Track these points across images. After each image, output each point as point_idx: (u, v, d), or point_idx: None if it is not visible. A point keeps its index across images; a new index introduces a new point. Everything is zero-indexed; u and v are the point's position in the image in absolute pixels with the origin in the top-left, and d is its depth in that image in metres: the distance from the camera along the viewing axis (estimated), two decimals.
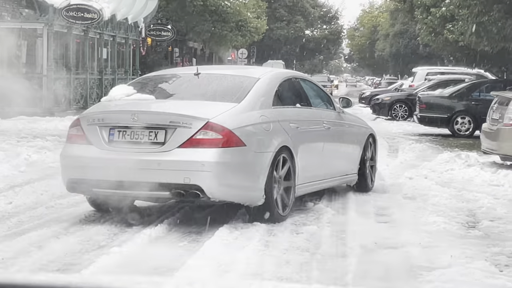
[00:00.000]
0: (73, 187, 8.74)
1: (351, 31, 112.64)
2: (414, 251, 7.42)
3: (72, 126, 8.88)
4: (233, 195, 8.42)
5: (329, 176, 10.40)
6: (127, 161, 8.27)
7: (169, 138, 8.24)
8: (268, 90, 9.25)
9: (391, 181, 12.49)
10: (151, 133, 8.33)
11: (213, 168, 8.11)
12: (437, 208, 9.81)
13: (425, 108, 24.24)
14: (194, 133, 8.18)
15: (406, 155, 16.76)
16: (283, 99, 9.67)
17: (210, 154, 8.12)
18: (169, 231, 8.22)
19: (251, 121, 8.62)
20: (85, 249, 7.39)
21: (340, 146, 10.83)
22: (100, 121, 8.57)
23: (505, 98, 14.71)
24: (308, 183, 9.63)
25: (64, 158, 8.83)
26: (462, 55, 34.52)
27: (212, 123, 8.22)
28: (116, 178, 8.25)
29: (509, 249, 7.64)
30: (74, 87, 28.58)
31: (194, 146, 8.16)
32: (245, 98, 8.84)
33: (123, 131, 8.45)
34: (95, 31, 30.86)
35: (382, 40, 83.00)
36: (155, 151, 8.25)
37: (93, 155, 8.43)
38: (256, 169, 8.48)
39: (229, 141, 8.22)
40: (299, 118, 9.66)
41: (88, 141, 8.57)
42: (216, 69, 11.67)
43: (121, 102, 8.93)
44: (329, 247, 7.58)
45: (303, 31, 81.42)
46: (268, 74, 9.67)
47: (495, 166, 14.49)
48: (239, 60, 64.42)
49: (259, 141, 8.58)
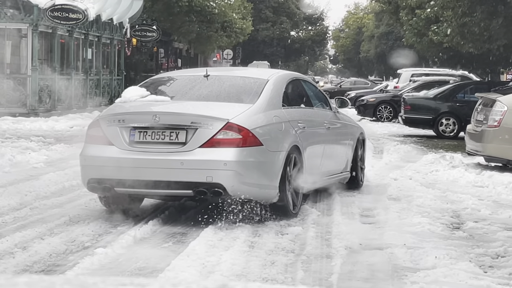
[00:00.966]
0: (94, 187, 8.90)
1: (336, 32, 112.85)
2: (399, 252, 7.43)
3: (91, 127, 9.04)
4: (252, 192, 8.63)
5: (329, 174, 10.78)
6: (150, 161, 8.53)
7: (190, 138, 8.50)
8: (277, 91, 9.58)
9: (376, 182, 12.52)
10: (172, 133, 8.58)
11: (234, 167, 8.41)
12: (422, 209, 9.83)
13: (410, 110, 24.30)
14: (215, 133, 8.46)
15: (391, 156, 16.80)
16: (290, 100, 9.99)
17: (231, 154, 8.43)
18: (154, 232, 8.21)
19: (266, 121, 8.94)
20: (69, 250, 7.37)
21: (337, 145, 11.20)
22: (121, 122, 8.76)
23: (489, 99, 14.77)
24: (313, 181, 9.94)
25: (85, 158, 8.97)
26: (447, 56, 34.62)
27: (232, 123, 8.51)
28: (139, 177, 8.52)
29: (493, 250, 7.67)
30: (58, 87, 28.47)
31: (215, 146, 8.45)
32: (258, 99, 9.14)
33: (144, 132, 8.67)
34: (80, 31, 30.77)
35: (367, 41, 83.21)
36: (177, 151, 8.50)
37: (114, 155, 8.63)
38: (271, 167, 8.79)
39: (248, 140, 8.52)
40: (305, 118, 10.01)
41: (109, 141, 8.74)
42: (223, 70, 12.18)
43: (137, 103, 9.13)
44: (314, 248, 7.58)
45: (289, 32, 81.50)
46: (275, 75, 9.99)
47: (479, 167, 14.54)
48: (225, 61, 64.40)
49: (273, 140, 8.90)
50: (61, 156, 15.00)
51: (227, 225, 8.51)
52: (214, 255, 7.10)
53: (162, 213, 9.19)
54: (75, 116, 26.57)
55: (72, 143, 17.40)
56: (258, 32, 71.57)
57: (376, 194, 11.30)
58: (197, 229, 8.32)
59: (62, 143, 17.15)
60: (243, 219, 8.76)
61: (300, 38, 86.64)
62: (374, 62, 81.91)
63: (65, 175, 12.16)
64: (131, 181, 8.57)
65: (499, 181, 12.34)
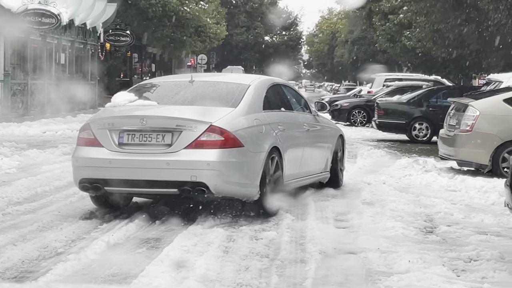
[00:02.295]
0: (85, 186, 9.33)
1: (310, 37, 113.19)
2: (373, 256, 7.46)
3: (82, 130, 9.54)
4: (234, 191, 9.19)
5: (309, 173, 11.28)
6: (138, 162, 9.05)
7: (175, 140, 8.99)
8: (258, 96, 10.11)
9: (350, 186, 12.55)
10: (159, 135, 9.07)
11: (217, 167, 8.92)
12: (395, 213, 9.87)
13: (384, 114, 24.41)
14: (199, 135, 8.96)
15: (365, 161, 16.85)
16: (271, 104, 10.43)
17: (214, 154, 8.94)
18: (128, 238, 8.18)
19: (247, 124, 9.46)
20: (42, 256, 7.31)
21: (317, 146, 11.69)
22: (111, 125, 9.25)
23: (461, 104, 14.87)
24: (293, 180, 10.52)
25: (76, 159, 9.47)
26: (420, 61, 34.82)
27: (214, 126, 9.02)
28: (128, 177, 9.06)
29: (466, 254, 7.71)
30: (31, 92, 28.30)
31: (199, 147, 8.96)
32: (240, 103, 9.66)
33: (132, 134, 9.16)
34: (53, 36, 30.59)
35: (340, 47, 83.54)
36: (163, 152, 9.01)
37: (104, 156, 9.14)
38: (252, 167, 9.27)
39: (229, 142, 9.04)
40: (285, 121, 10.51)
41: (99, 143, 9.23)
42: (207, 76, 12.82)
43: (125, 108, 9.63)
44: (288, 253, 7.58)
45: (263, 37, 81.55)
46: (256, 80, 10.51)
47: (452, 171, 14.63)
48: (199, 66, 64.29)
49: (254, 142, 9.41)
50: (33, 162, 14.90)
51: (201, 230, 8.50)
52: (188, 261, 7.08)
53: (136, 218, 9.15)
54: (48, 121, 26.41)
55: (45, 148, 17.31)
56: (232, 37, 71.52)
57: (350, 198, 11.33)
58: (171, 235, 8.30)
59: (34, 148, 17.03)
60: (218, 224, 8.78)
61: (274, 43, 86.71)
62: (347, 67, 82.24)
63: (37, 180, 12.08)
64: (120, 180, 9.07)
65: (472, 185, 12.42)
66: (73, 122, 26.98)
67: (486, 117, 14.05)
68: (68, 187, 11.65)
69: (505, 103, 14.15)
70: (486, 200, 11.30)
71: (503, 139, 13.87)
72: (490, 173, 13.87)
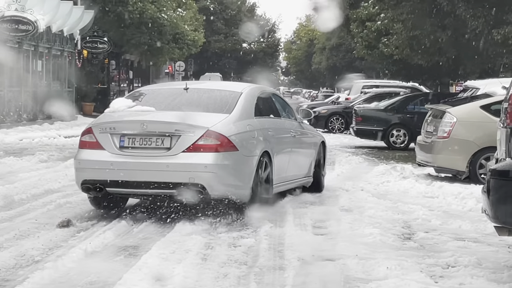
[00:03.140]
0: (87, 187, 9.80)
1: (288, 44, 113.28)
2: (351, 263, 7.47)
3: (84, 134, 9.98)
4: (228, 192, 9.61)
5: (294, 177, 11.84)
6: (138, 164, 9.52)
7: (174, 143, 9.49)
8: (250, 103, 10.65)
9: (328, 193, 12.57)
10: (158, 139, 9.57)
11: (213, 169, 9.41)
12: (373, 220, 9.89)
13: (361, 121, 24.49)
14: (197, 140, 9.47)
15: (343, 168, 16.89)
16: (261, 110, 10.96)
17: (211, 157, 9.44)
18: (105, 246, 8.13)
19: (241, 129, 9.97)
20: (19, 265, 7.26)
21: (302, 152, 12.22)
22: (112, 129, 9.72)
23: (439, 111, 14.94)
24: (281, 183, 11.07)
25: (79, 162, 9.92)
26: (397, 68, 34.93)
27: (211, 131, 9.52)
28: (128, 178, 9.52)
29: (444, 260, 7.74)
30: (8, 99, 28.12)
31: (196, 151, 9.45)
32: (234, 110, 10.19)
33: (132, 138, 9.65)
34: (30, 43, 30.44)
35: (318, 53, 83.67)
36: (163, 155, 9.50)
37: (106, 159, 9.61)
38: (246, 170, 9.82)
39: (225, 146, 9.53)
40: (274, 127, 11.10)
41: (101, 146, 9.70)
42: (200, 84, 13.46)
43: (125, 113, 10.11)
44: (266, 260, 7.58)
45: (241, 44, 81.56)
46: (247, 88, 11.05)
47: (429, 178, 14.69)
48: (177, 73, 64.18)
49: (247, 146, 9.93)
50: (10, 169, 14.80)
51: (179, 237, 8.48)
52: (167, 268, 7.06)
53: (114, 226, 9.12)
54: (24, 128, 26.28)
55: (21, 155, 17.20)
56: (210, 44, 71.44)
57: (328, 205, 11.35)
58: (149, 242, 8.27)
59: (11, 156, 16.95)
60: (196, 231, 8.76)
61: (252, 50, 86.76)
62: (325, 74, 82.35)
63: (14, 188, 12.00)
64: (121, 182, 9.54)
65: (449, 192, 12.48)
66: (50, 130, 26.86)
67: (463, 124, 14.13)
68: (45, 195, 11.60)
69: (482, 109, 14.23)
70: (463, 207, 11.36)
71: (480, 145, 13.94)
72: (468, 180, 13.94)
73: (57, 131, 26.44)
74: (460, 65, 25.67)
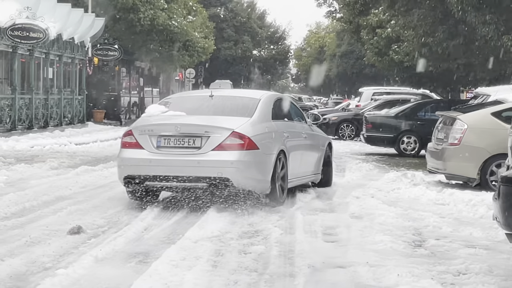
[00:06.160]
0: (129, 181, 11.24)
1: (298, 51, 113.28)
2: (362, 270, 7.45)
3: (125, 135, 11.50)
4: (251, 185, 11.06)
5: (306, 174, 13.29)
6: (173, 161, 10.98)
7: (204, 143, 10.97)
8: (268, 108, 12.15)
9: (339, 200, 12.56)
10: (190, 140, 11.05)
11: (239, 165, 10.88)
12: (384, 227, 9.88)
13: (372, 128, 24.46)
14: (224, 140, 10.94)
15: (353, 175, 16.87)
16: (277, 114, 12.42)
17: (236, 155, 10.91)
18: (116, 252, 8.14)
19: (261, 130, 11.46)
20: (30, 272, 7.27)
21: (312, 151, 13.63)
22: (150, 131, 11.23)
23: (449, 118, 14.90)
24: (294, 178, 12.50)
25: (122, 159, 11.42)
26: (408, 75, 34.88)
27: (236, 132, 11.02)
28: (165, 173, 10.95)
29: (455, 267, 7.72)
30: (19, 107, 28.22)
31: (223, 149, 10.91)
32: (254, 114, 11.68)
33: (168, 139, 11.14)
34: (41, 50, 30.56)
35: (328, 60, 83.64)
36: (194, 153, 10.95)
37: (146, 157, 11.10)
38: (265, 166, 11.27)
39: (248, 145, 11.02)
40: (288, 129, 12.52)
41: (140, 146, 11.20)
42: (223, 92, 14.70)
43: (160, 117, 11.61)
44: (277, 267, 7.57)
45: (251, 51, 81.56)
46: (265, 95, 12.60)
47: (440, 185, 14.65)
48: (187, 80, 64.22)
49: (266, 145, 11.38)
50: (21, 176, 14.85)
51: (190, 244, 8.48)
52: (177, 275, 7.05)
53: (124, 232, 9.13)
54: (35, 135, 26.35)
55: (32, 163, 17.25)
56: (220, 51, 71.46)
57: (339, 212, 11.34)
58: (160, 249, 8.28)
59: (22, 163, 17.00)
60: (206, 238, 8.76)
61: (262, 57, 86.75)
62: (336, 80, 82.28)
63: (25, 195, 12.03)
64: (159, 176, 10.97)
65: (460, 199, 12.44)
66: (61, 137, 26.93)
67: (474, 131, 14.09)
68: (56, 202, 11.63)
69: (493, 116, 14.20)
70: (474, 214, 11.33)
71: (491, 152, 13.91)
72: (479, 187, 13.90)
73: (68, 138, 26.50)
74: (470, 72, 25.60)
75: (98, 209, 11.07)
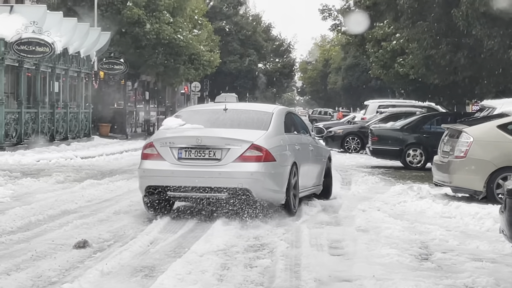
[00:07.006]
0: (150, 192, 11.55)
1: (303, 64, 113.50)
2: (368, 284, 7.43)
3: (146, 147, 11.77)
4: (269, 196, 11.49)
5: (311, 185, 13.65)
6: (194, 172, 11.24)
7: (224, 155, 11.29)
8: (280, 121, 12.54)
9: (344, 213, 12.54)
10: (211, 151, 11.35)
11: (258, 176, 11.23)
12: (390, 240, 9.86)
13: (377, 141, 24.44)
14: (243, 152, 11.28)
15: (359, 188, 16.84)
16: (287, 128, 12.77)
17: (256, 166, 11.26)
18: (122, 266, 8.13)
19: (276, 143, 11.85)
20: (36, 286, 7.27)
21: (316, 163, 13.99)
22: (171, 143, 11.51)
23: (455, 130, 14.89)
24: (302, 190, 12.81)
25: (143, 170, 11.67)
26: (413, 88, 34.89)
27: (255, 144, 11.38)
28: (186, 184, 11.25)
29: (462, 281, 7.69)
30: (25, 121, 28.28)
31: (243, 161, 11.25)
32: (270, 127, 12.08)
33: (189, 150, 11.43)
34: (47, 64, 30.63)
35: (334, 73, 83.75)
36: (215, 165, 11.26)
37: (167, 168, 11.39)
38: (282, 177, 11.67)
39: (266, 157, 11.37)
40: (299, 142, 12.94)
41: (162, 158, 11.48)
42: (236, 105, 14.93)
43: (179, 129, 11.90)
44: (283, 280, 7.55)
45: (256, 64, 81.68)
46: (277, 109, 13.01)
47: (446, 198, 14.62)
48: (192, 93, 64.30)
49: (282, 157, 11.78)
50: (27, 190, 14.87)
51: (196, 258, 8.46)
52: None
53: (130, 246, 9.12)
54: (41, 149, 26.38)
55: (38, 177, 17.27)
56: (225, 65, 71.59)
57: (345, 225, 11.32)
58: (166, 263, 8.27)
59: (28, 177, 17.01)
60: (212, 252, 8.74)
61: (267, 70, 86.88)
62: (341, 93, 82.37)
63: (31, 209, 12.04)
64: (180, 187, 11.27)
65: (466, 212, 12.42)
66: (67, 151, 26.96)
67: (480, 143, 14.07)
68: (61, 216, 11.63)
69: (499, 129, 14.18)
70: (481, 227, 11.30)
71: (497, 165, 13.89)
72: (485, 200, 13.87)
73: (74, 152, 26.53)
74: (476, 85, 25.59)
75: (104, 223, 11.07)
